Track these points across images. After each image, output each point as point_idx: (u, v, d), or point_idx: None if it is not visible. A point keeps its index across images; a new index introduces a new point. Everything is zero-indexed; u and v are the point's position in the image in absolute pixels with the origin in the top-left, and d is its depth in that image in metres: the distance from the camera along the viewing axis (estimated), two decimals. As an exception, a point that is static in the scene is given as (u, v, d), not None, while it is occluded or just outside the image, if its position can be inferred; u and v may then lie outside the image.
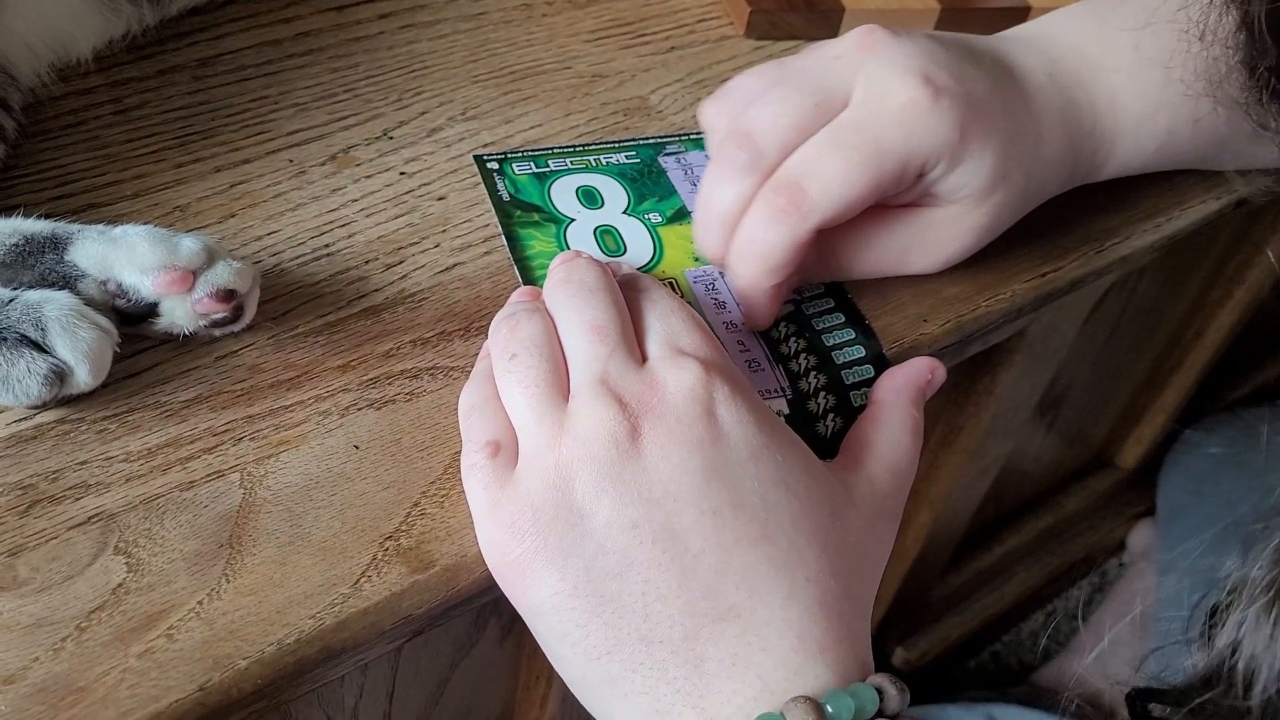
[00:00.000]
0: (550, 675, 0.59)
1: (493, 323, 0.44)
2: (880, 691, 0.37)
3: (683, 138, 0.56)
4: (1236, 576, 0.41)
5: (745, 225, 0.46)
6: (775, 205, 0.45)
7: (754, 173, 0.46)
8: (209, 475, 0.41)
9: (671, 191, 0.54)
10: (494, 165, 0.53)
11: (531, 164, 0.54)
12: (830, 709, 0.36)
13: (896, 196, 0.48)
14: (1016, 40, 0.52)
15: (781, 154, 0.46)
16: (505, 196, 0.52)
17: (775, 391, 0.47)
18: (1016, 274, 0.53)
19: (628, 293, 0.44)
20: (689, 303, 0.48)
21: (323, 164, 0.52)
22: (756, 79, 0.48)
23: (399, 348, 0.46)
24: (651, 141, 0.56)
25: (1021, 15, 0.66)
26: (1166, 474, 1.01)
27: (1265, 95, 0.44)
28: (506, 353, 0.41)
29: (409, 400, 0.45)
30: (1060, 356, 0.74)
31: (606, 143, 0.56)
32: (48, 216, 0.44)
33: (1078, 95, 0.50)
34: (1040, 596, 1.17)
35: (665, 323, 0.42)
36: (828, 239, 0.48)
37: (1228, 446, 0.98)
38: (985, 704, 0.97)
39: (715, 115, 0.49)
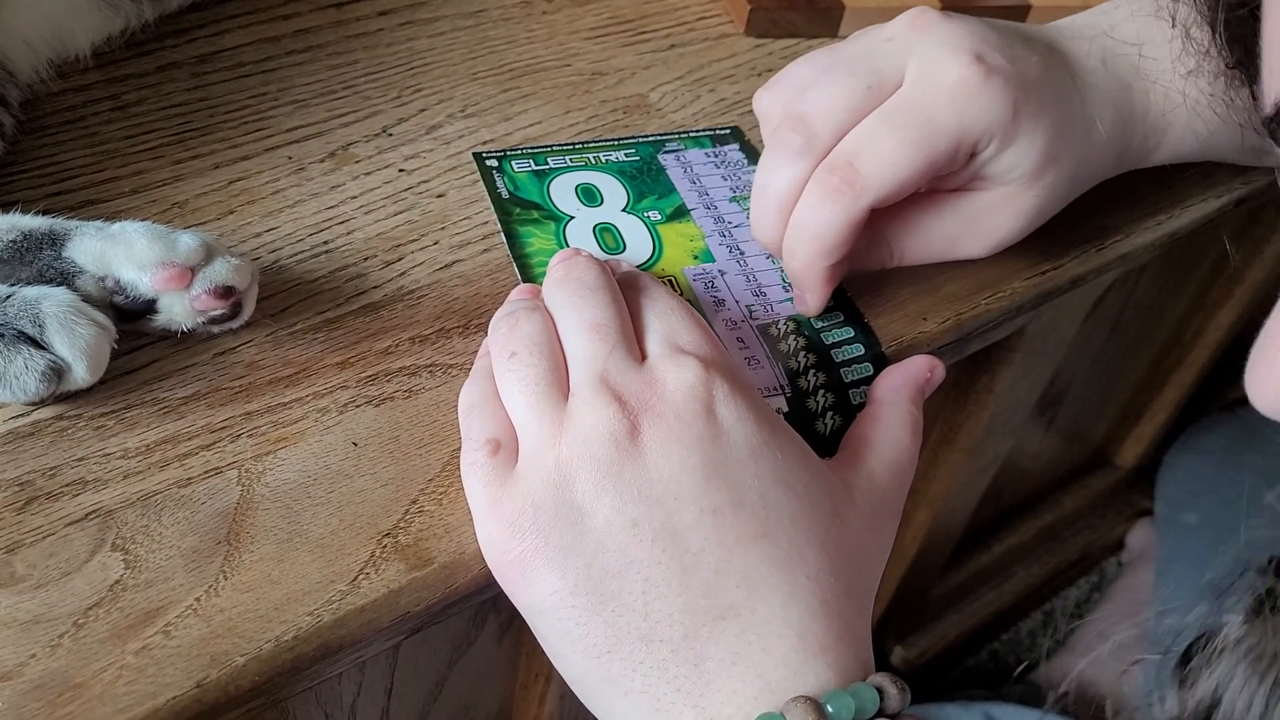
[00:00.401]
0: (548, 673, 0.59)
1: (492, 320, 0.44)
2: (881, 691, 0.37)
3: (682, 135, 0.56)
4: (1210, 624, 0.41)
5: (800, 207, 0.46)
6: (829, 185, 0.45)
7: (809, 156, 0.46)
8: (207, 472, 0.41)
9: (671, 189, 0.54)
10: (493, 163, 0.53)
11: (531, 162, 0.53)
12: (831, 709, 0.36)
13: (948, 179, 0.48)
14: (1070, 27, 0.52)
15: (836, 136, 0.46)
16: (504, 194, 0.52)
17: (774, 389, 0.47)
18: (1016, 272, 0.53)
19: (627, 291, 0.44)
20: (688, 301, 0.48)
21: (322, 161, 0.52)
22: (809, 65, 0.48)
23: (398, 345, 0.46)
24: (651, 139, 0.56)
25: (1021, 15, 0.66)
26: (1165, 473, 1.01)
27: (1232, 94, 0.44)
28: (506, 351, 0.41)
29: (407, 397, 0.44)
30: (1060, 355, 0.74)
31: (606, 140, 0.55)
32: (46, 213, 0.44)
33: (1131, 80, 0.50)
34: (1039, 595, 1.17)
35: (664, 321, 0.42)
36: (879, 224, 0.49)
37: (1227, 446, 0.98)
38: (983, 703, 0.97)
39: (770, 103, 0.49)
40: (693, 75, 0.60)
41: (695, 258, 0.51)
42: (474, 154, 0.53)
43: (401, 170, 0.53)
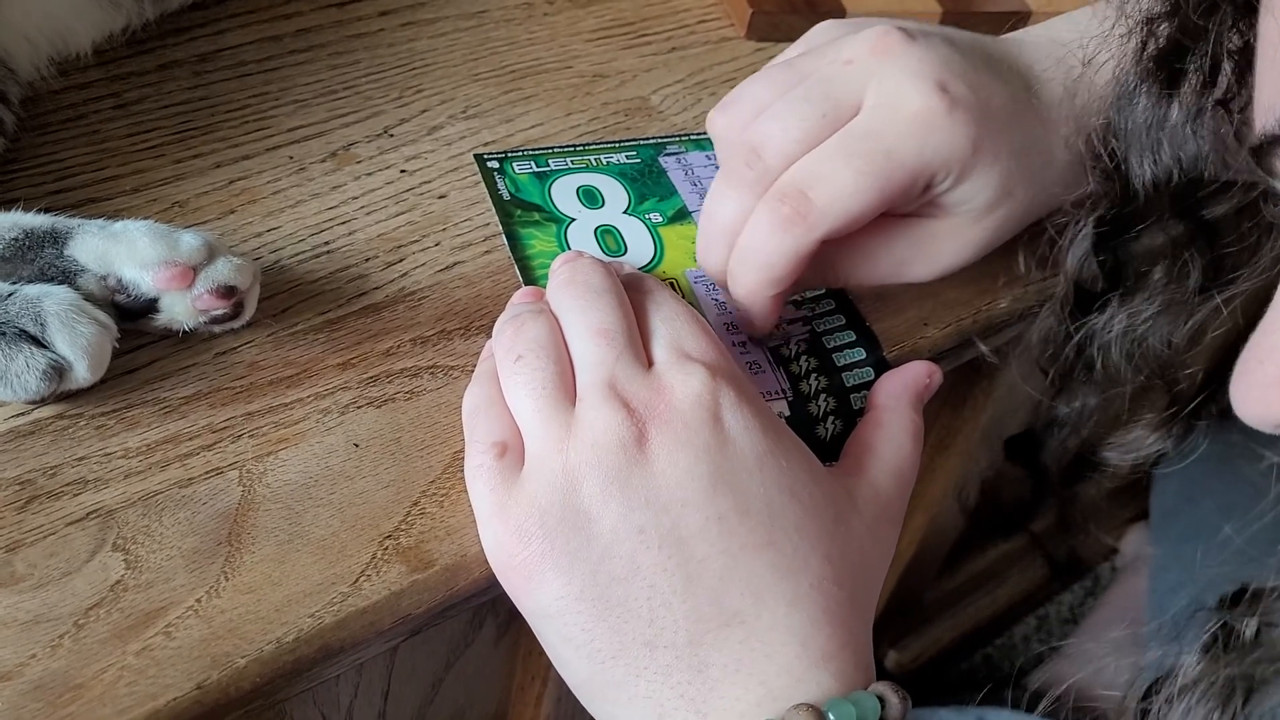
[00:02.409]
0: (545, 675, 0.59)
1: (497, 323, 0.44)
2: (882, 700, 0.37)
3: (683, 138, 0.56)
4: (1166, 664, 0.42)
5: (748, 233, 0.45)
6: (780, 214, 0.44)
7: (759, 188, 0.45)
8: (208, 472, 0.41)
9: (672, 191, 0.54)
10: (494, 164, 0.53)
11: (532, 163, 0.53)
12: (832, 717, 0.36)
13: (900, 208, 0.48)
14: (1035, 44, 0.51)
15: (789, 168, 0.45)
16: (506, 196, 0.52)
17: (776, 394, 0.47)
18: (1017, 278, 0.53)
19: (632, 295, 0.44)
20: (690, 304, 0.48)
21: (323, 161, 0.52)
22: (765, 86, 0.47)
23: (399, 346, 0.46)
24: (652, 142, 0.56)
25: (1023, 20, 0.66)
26: (1160, 478, 1.01)
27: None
28: (512, 354, 0.41)
29: (409, 399, 0.44)
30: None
31: (607, 143, 0.55)
32: (47, 211, 0.44)
33: (1094, 105, 0.50)
34: (1033, 600, 1.17)
35: (670, 327, 0.42)
36: (824, 247, 0.48)
37: (1221, 452, 0.98)
38: (977, 707, 0.97)
39: (725, 126, 0.47)
40: (694, 78, 0.60)
41: (696, 260, 0.51)
42: (475, 155, 0.53)
43: (403, 171, 0.52)
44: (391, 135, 0.54)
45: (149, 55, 0.55)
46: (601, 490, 0.38)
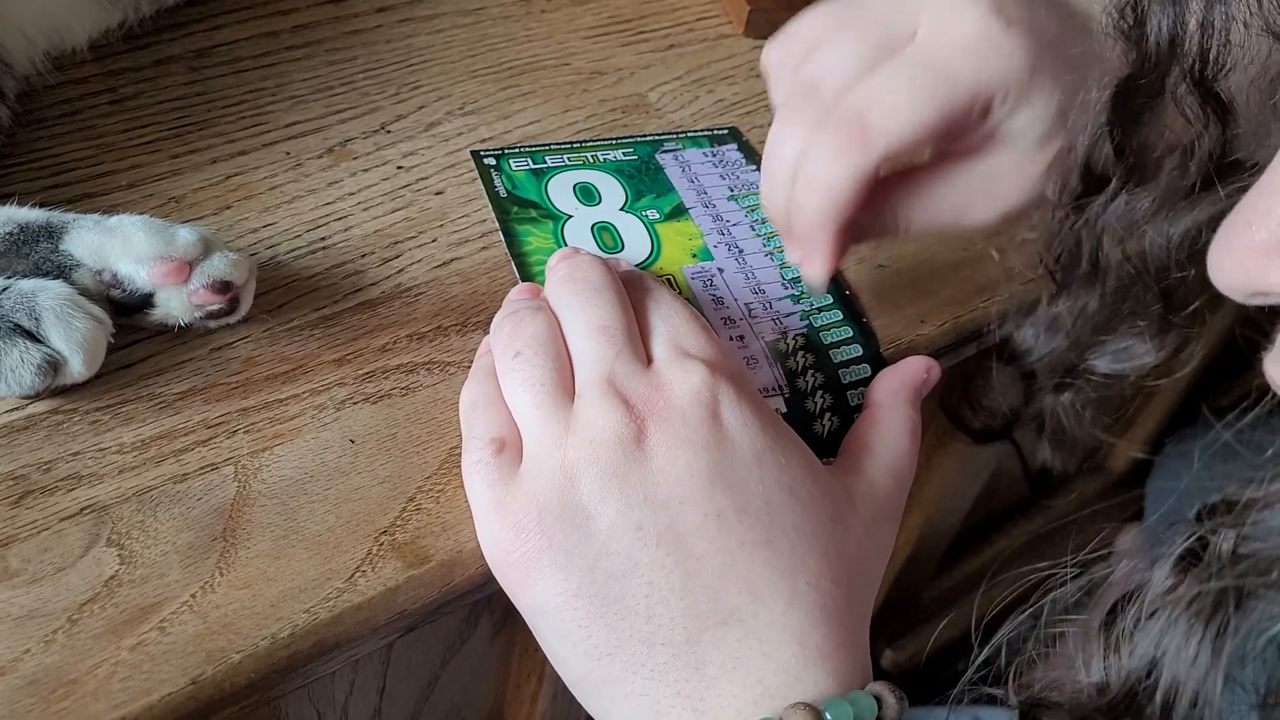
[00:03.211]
0: (541, 673, 0.58)
1: (494, 320, 0.44)
2: (879, 699, 0.37)
3: (680, 135, 0.56)
4: (1135, 580, 0.40)
5: (809, 161, 0.44)
6: (838, 138, 0.43)
7: (821, 121, 0.44)
8: (203, 468, 0.41)
9: (669, 188, 0.53)
10: (491, 161, 0.53)
11: (529, 160, 0.53)
12: (829, 716, 0.36)
13: (959, 140, 0.46)
14: None
15: None
16: (502, 193, 0.52)
17: (773, 390, 0.47)
18: (1012, 276, 0.53)
19: (631, 292, 0.43)
20: (687, 299, 0.48)
21: (320, 157, 0.52)
22: (820, 20, 0.46)
23: (395, 342, 0.46)
24: (649, 139, 0.56)
25: None
26: (1155, 478, 1.01)
27: None
28: (510, 351, 0.41)
29: (405, 395, 0.44)
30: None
31: (604, 139, 0.55)
32: (42, 206, 0.44)
33: None
34: (1028, 600, 1.17)
35: (670, 324, 0.42)
36: (886, 193, 0.47)
37: (1217, 452, 0.98)
38: (972, 706, 0.97)
39: (779, 60, 0.47)
40: (691, 75, 0.60)
41: (694, 256, 0.51)
42: (471, 152, 0.53)
43: (400, 167, 0.52)
44: (388, 131, 0.54)
45: (145, 51, 0.55)
46: (600, 487, 0.37)
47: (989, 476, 0.85)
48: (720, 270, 0.50)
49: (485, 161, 0.53)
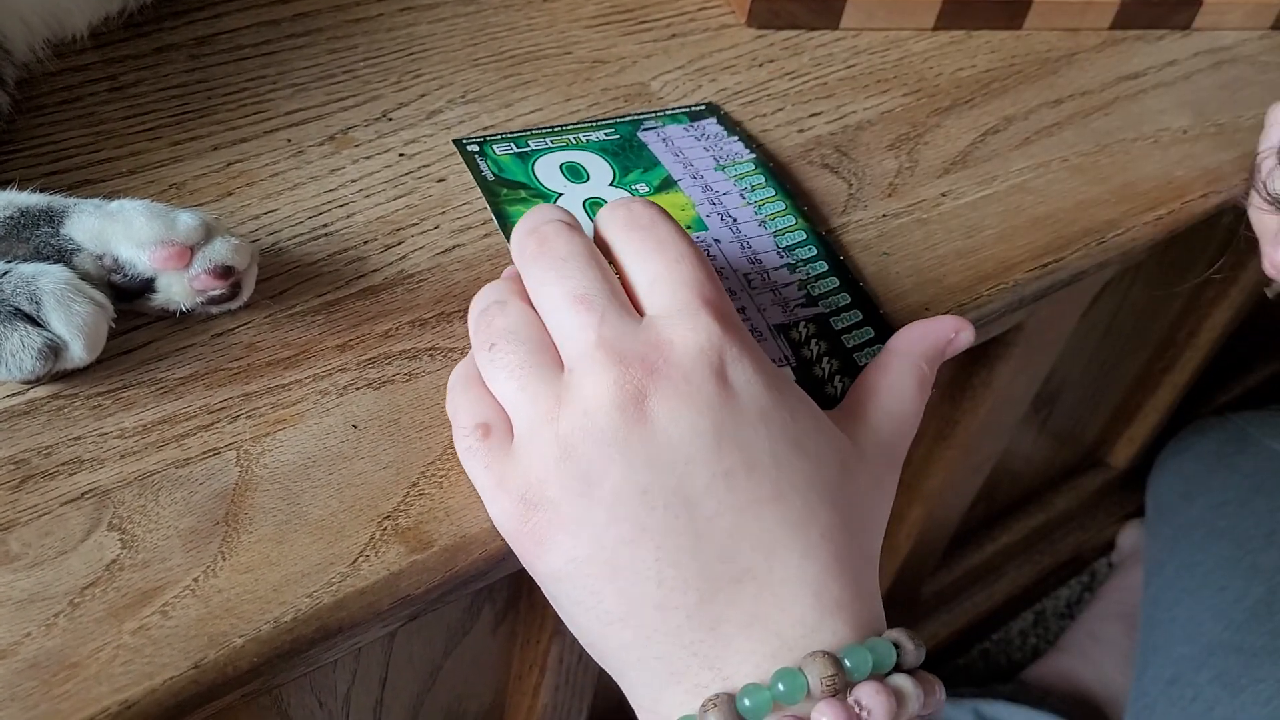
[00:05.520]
0: (543, 665, 0.58)
1: (469, 319, 0.43)
2: (898, 646, 0.37)
3: (659, 114, 0.56)
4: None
5: None
6: None
7: None
8: (205, 452, 0.41)
9: (655, 163, 0.53)
10: (474, 148, 0.53)
11: (512, 145, 0.53)
12: (849, 663, 0.35)
13: None
14: None
15: None
16: (489, 176, 0.51)
17: (779, 360, 0.46)
18: (1018, 264, 0.53)
19: (632, 230, 0.41)
20: None
21: (321, 144, 0.52)
22: None
23: (398, 328, 0.46)
24: (630, 118, 0.56)
25: (1022, 11, 0.66)
26: (1156, 475, 1.01)
27: None
28: (485, 345, 0.40)
29: (407, 381, 0.44)
30: (1057, 351, 0.74)
31: (584, 122, 0.55)
32: (42, 192, 0.44)
33: None
34: (1030, 595, 1.17)
35: (673, 270, 0.40)
36: None
37: (1218, 449, 0.98)
38: (972, 699, 0.97)
39: None
40: (694, 65, 0.60)
41: (688, 227, 0.50)
42: (454, 141, 0.53)
43: (401, 155, 0.52)
44: (390, 119, 0.54)
45: (146, 38, 0.54)
46: (600, 454, 0.37)
47: (990, 471, 0.85)
48: (716, 240, 0.50)
49: (468, 149, 0.53)
